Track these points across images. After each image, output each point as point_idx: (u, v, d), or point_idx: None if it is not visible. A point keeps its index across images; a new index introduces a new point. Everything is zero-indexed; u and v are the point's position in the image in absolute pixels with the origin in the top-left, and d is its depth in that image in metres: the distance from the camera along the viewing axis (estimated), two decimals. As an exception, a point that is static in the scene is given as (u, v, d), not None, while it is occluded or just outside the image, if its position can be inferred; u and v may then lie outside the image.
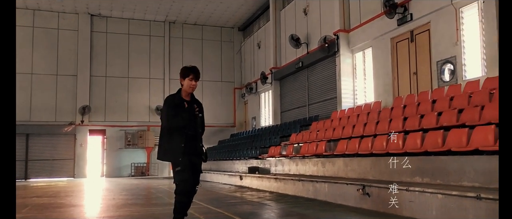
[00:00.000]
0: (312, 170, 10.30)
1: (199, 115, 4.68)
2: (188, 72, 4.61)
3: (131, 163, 23.48)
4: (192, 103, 4.67)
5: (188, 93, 4.68)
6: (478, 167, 5.74)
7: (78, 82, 22.75)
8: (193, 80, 4.61)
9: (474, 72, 9.95)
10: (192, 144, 4.56)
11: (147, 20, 24.30)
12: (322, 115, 15.58)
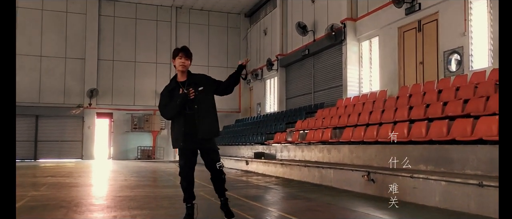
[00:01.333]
0: (318, 157, 10.53)
1: (199, 89, 4.44)
2: (177, 52, 4.53)
3: (137, 146, 23.83)
4: (189, 81, 4.51)
5: (182, 73, 4.53)
6: (482, 156, 5.95)
7: (86, 65, 23.00)
8: (183, 58, 4.47)
9: (480, 63, 10.07)
10: (195, 123, 4.36)
11: (154, 5, 24.38)
12: (328, 102, 15.75)
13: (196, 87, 4.45)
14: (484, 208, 4.95)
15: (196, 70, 18.88)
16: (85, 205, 5.99)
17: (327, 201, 6.37)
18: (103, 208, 5.67)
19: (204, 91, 4.48)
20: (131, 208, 5.56)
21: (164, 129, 24.43)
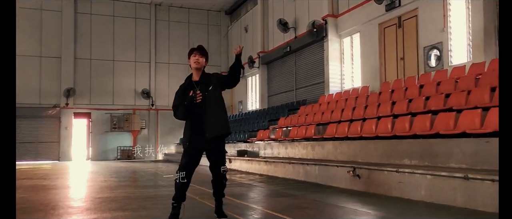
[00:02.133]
0: (302, 153, 10.48)
1: (209, 89, 4.39)
2: (191, 51, 4.55)
3: (117, 147, 23.38)
4: (202, 80, 4.47)
5: (197, 72, 4.50)
6: (465, 149, 5.97)
7: (62, 64, 22.39)
8: (197, 55, 4.45)
9: (459, 58, 10.19)
10: (205, 123, 4.34)
11: (132, 2, 23.93)
12: (310, 99, 15.76)
13: (207, 87, 4.43)
14: (470, 201, 4.96)
15: (176, 69, 18.83)
16: (63, 207, 5.76)
17: (313, 198, 6.30)
18: (82, 211, 5.46)
19: (213, 89, 4.46)
20: (112, 210, 5.36)
21: (145, 128, 24.07)
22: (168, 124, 24.20)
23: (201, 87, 4.39)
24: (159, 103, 24.23)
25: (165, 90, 24.39)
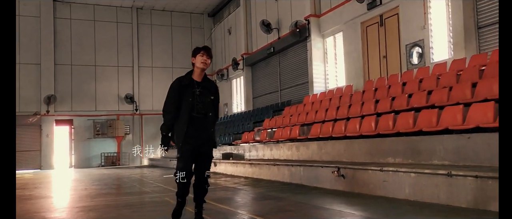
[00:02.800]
0: (287, 155, 10.39)
1: (211, 97, 4.42)
2: (199, 50, 4.42)
3: (100, 153, 23.00)
4: (204, 84, 4.42)
5: (200, 72, 4.41)
6: (448, 146, 5.95)
7: (41, 70, 21.93)
8: (205, 56, 4.35)
9: (441, 55, 10.24)
10: (200, 127, 4.30)
11: (113, 6, 23.61)
12: (295, 100, 15.70)
13: (209, 93, 4.43)
14: (453, 198, 4.91)
15: (159, 72, 18.59)
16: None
17: (298, 200, 6.21)
18: (60, 221, 5.26)
19: (214, 99, 4.50)
20: (90, 219, 5.18)
21: (129, 134, 23.73)
22: (153, 128, 23.90)
23: (202, 90, 4.36)
24: (143, 107, 23.93)
25: (149, 95, 24.12)
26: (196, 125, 4.31)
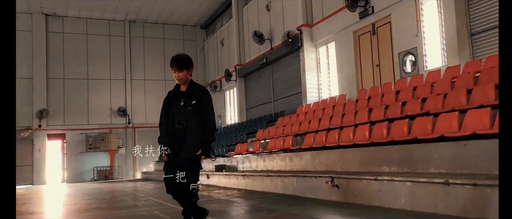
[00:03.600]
0: (280, 165, 10.21)
1: (192, 102, 4.20)
2: (170, 65, 4.31)
3: (93, 167, 22.68)
4: (188, 92, 4.29)
5: (183, 83, 4.33)
6: (444, 154, 5.80)
7: (34, 85, 21.71)
8: (176, 72, 4.24)
9: (434, 62, 10.17)
10: (179, 138, 4.19)
11: (105, 19, 23.52)
12: (288, 110, 15.57)
13: (190, 101, 4.25)
14: (451, 207, 4.75)
15: (153, 85, 18.41)
16: (22, 235, 5.32)
17: (291, 211, 6.01)
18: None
19: (196, 105, 4.24)
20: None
21: (122, 147, 23.45)
22: (146, 141, 23.68)
23: (186, 99, 4.26)
24: (136, 120, 23.70)
25: (141, 107, 23.92)
26: (177, 136, 4.22)
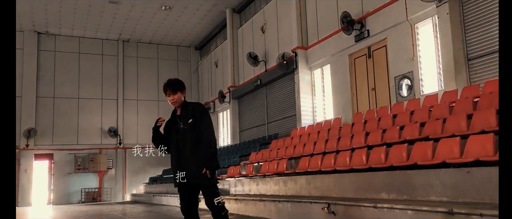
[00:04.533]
0: (274, 189, 9.89)
1: (189, 121, 4.25)
2: (164, 90, 4.39)
3: (81, 189, 22.08)
4: (183, 114, 4.34)
5: (178, 107, 4.43)
6: (446, 181, 5.56)
7: (22, 103, 21.24)
8: (170, 95, 4.32)
9: (431, 87, 10.05)
10: (183, 159, 4.27)
11: (99, 39, 23.35)
12: (282, 133, 15.32)
13: (186, 120, 4.29)
14: (456, 238, 4.48)
15: (145, 105, 18.06)
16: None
17: (285, 240, 5.70)
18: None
19: (193, 124, 4.28)
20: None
21: (111, 168, 22.94)
22: (137, 163, 23.23)
23: (183, 121, 4.30)
24: (127, 141, 23.27)
25: (133, 128, 23.53)
26: (180, 158, 4.28)
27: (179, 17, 20.76)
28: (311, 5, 14.34)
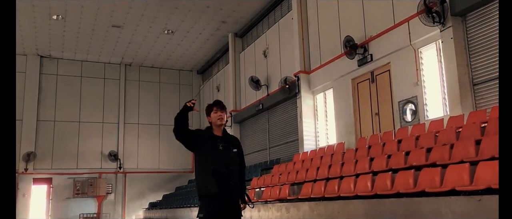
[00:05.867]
0: (276, 216, 9.61)
1: (233, 150, 4.30)
2: (211, 107, 4.42)
3: (79, 214, 21.66)
4: (226, 139, 4.36)
5: (219, 128, 4.37)
6: (456, 209, 5.33)
7: (23, 127, 21.06)
8: (218, 111, 4.36)
9: (435, 112, 9.88)
10: (226, 184, 4.10)
11: (101, 62, 23.40)
12: (284, 158, 15.09)
13: (232, 147, 4.34)
14: None
15: (147, 129, 17.90)
16: None
17: None
18: None
19: (237, 153, 4.39)
20: None
21: (111, 193, 22.59)
22: (137, 187, 22.93)
23: (225, 144, 4.27)
24: (128, 165, 23.00)
25: (134, 152, 23.30)
26: (222, 182, 4.09)
27: (181, 41, 20.84)
28: (314, 29, 14.36)
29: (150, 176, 22.83)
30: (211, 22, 18.69)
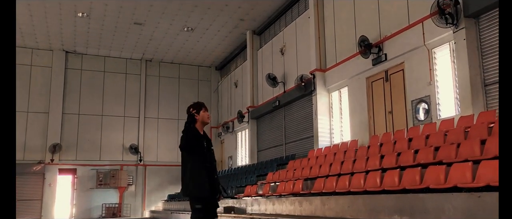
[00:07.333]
0: (289, 210, 10.01)
1: (211, 147, 4.84)
2: (201, 106, 4.78)
3: (102, 204, 22.50)
4: (205, 137, 4.84)
5: (202, 126, 4.80)
6: (457, 205, 5.64)
7: (49, 119, 22.03)
8: (206, 111, 4.83)
9: (448, 111, 10.08)
10: (214, 177, 4.64)
11: (123, 58, 24.13)
12: (299, 153, 15.44)
13: (210, 145, 4.82)
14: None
15: (166, 123, 18.67)
16: None
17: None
18: None
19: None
20: None
21: (132, 184, 23.35)
22: (156, 180, 23.65)
23: (206, 142, 4.74)
24: (147, 158, 23.72)
25: (153, 146, 24.00)
26: (212, 175, 4.60)
27: (201, 38, 21.34)
28: (330, 29, 14.63)
29: (169, 169, 23.48)
30: (230, 19, 19.12)
